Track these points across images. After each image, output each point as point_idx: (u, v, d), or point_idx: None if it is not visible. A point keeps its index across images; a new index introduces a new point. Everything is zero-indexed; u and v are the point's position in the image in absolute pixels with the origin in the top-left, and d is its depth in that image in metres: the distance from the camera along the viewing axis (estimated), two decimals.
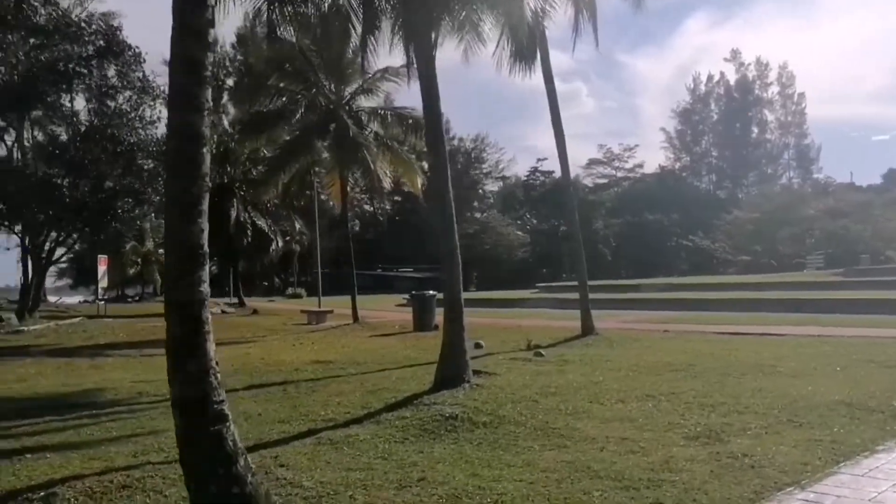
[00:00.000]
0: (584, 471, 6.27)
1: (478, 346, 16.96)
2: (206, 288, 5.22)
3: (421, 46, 10.25)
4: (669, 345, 15.41)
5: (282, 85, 24.51)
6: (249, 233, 41.24)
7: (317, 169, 27.42)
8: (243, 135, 25.30)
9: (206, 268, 5.35)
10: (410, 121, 25.00)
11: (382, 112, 25.79)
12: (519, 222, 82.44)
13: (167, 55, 5.08)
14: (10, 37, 24.66)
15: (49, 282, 76.90)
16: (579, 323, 18.21)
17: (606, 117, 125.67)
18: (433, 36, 10.24)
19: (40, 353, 17.03)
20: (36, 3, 25.14)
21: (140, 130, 25.28)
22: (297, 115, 24.74)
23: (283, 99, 24.76)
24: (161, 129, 26.60)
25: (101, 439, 8.09)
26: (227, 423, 5.19)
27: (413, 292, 24.18)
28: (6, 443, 7.99)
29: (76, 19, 25.16)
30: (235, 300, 44.02)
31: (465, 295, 11.43)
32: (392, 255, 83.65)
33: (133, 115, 25.64)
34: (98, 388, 11.75)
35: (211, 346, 5.24)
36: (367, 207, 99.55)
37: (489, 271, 76.03)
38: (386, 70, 24.38)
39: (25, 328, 24.10)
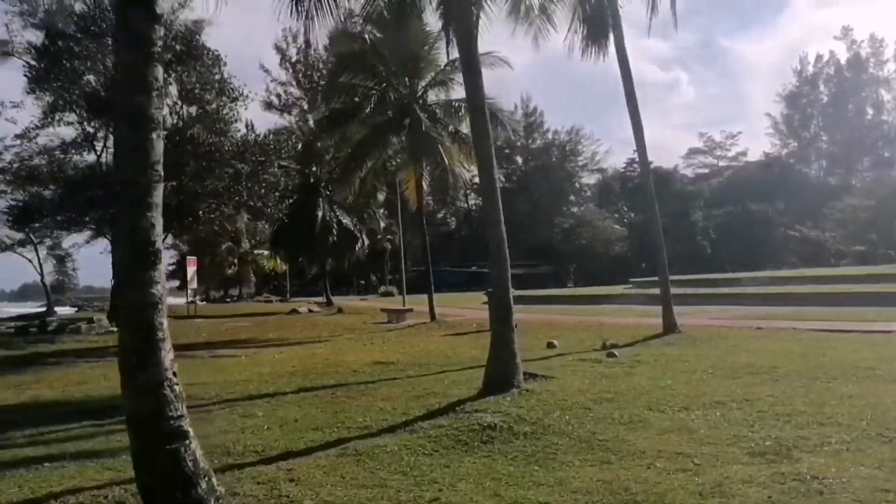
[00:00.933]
0: (620, 492, 5.46)
1: (550, 345, 16.18)
2: (159, 290, 4.69)
3: (461, 26, 9.53)
4: (757, 344, 14.10)
5: (354, 81, 24.26)
6: (335, 231, 41.44)
7: (393, 164, 27.09)
8: (321, 133, 25.18)
9: (160, 267, 4.83)
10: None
11: (456, 105, 25.14)
12: (616, 215, 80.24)
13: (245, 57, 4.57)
14: (94, 46, 25.41)
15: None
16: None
17: (709, 105, 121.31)
18: (474, 14, 9.48)
19: (115, 356, 17.22)
20: None
21: (221, 132, 25.59)
22: (368, 111, 24.42)
23: (356, 97, 24.49)
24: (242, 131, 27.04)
25: (125, 447, 7.75)
26: (187, 441, 4.65)
27: (489, 289, 23.37)
28: (31, 450, 7.81)
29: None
30: (323, 299, 44.55)
31: (556, 291, 10.64)
32: (487, 252, 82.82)
33: (215, 116, 26.00)
34: None
35: (166, 355, 4.71)
36: (460, 204, 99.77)
37: (586, 266, 74.41)
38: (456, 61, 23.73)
39: (115, 329, 24.75)
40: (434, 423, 7.89)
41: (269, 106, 60.74)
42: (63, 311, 39.51)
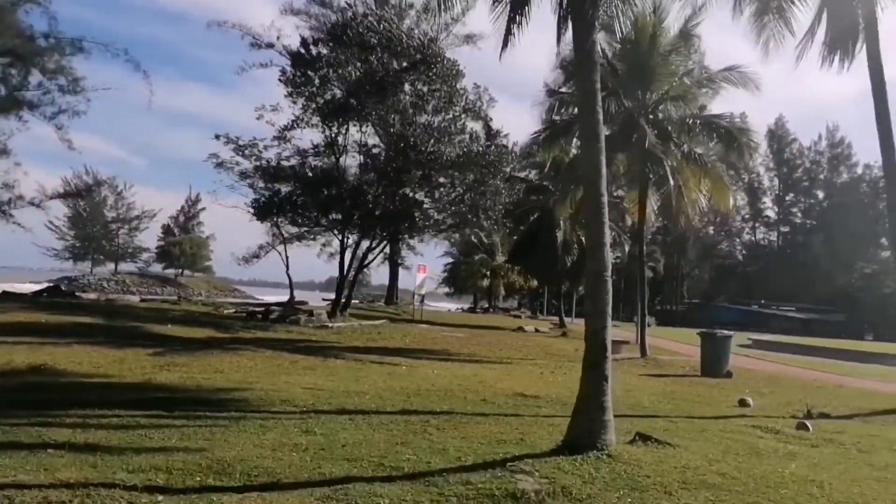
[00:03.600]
0: None
1: (742, 403, 13.57)
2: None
3: (580, 21, 7.85)
4: None
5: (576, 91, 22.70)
6: (575, 252, 39.89)
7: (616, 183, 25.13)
8: (543, 145, 24.08)
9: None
10: (722, 130, 21.56)
11: (690, 121, 22.58)
12: None
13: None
14: (342, 55, 26.67)
15: (431, 286, 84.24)
16: None
17: None
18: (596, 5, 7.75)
19: (295, 349, 17.52)
20: (372, 21, 26.93)
21: (444, 141, 25.57)
22: None
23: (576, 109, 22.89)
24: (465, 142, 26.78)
25: (131, 446, 7.25)
26: None
27: (704, 330, 20.64)
28: (37, 432, 7.48)
29: (399, 35, 26.31)
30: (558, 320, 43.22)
31: (827, 341, 8.64)
32: (775, 291, 75.89)
33: (441, 126, 26.06)
34: (262, 389, 11.25)
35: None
36: (747, 236, 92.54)
37: (892, 319, 64.81)
38: (691, 72, 21.41)
39: (330, 325, 25.70)
40: (465, 479, 6.40)
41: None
42: (313, 301, 42.09)
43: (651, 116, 22.96)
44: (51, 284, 34.71)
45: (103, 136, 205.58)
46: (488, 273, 65.81)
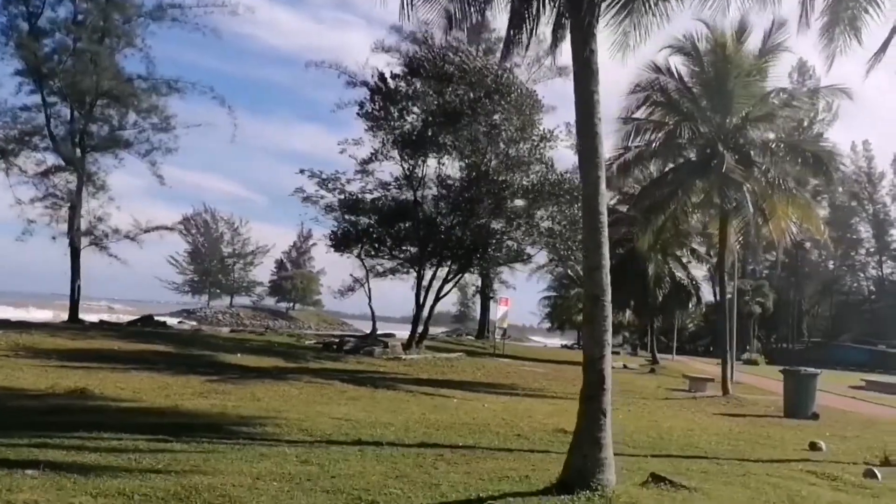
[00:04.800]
0: None
1: (813, 447, 12.36)
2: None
3: (577, 31, 7.33)
4: None
5: (652, 117, 21.91)
6: (667, 285, 38.39)
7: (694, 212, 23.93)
8: (617, 172, 23.25)
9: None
10: (808, 153, 20.25)
11: (774, 145, 21.30)
12: None
13: None
14: (419, 87, 26.89)
15: (532, 320, 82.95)
16: None
17: None
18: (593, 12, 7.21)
19: (351, 380, 17.37)
20: (449, 53, 27.04)
21: (514, 171, 25.21)
22: (662, 149, 21.81)
23: (652, 134, 22.02)
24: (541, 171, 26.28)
25: (137, 469, 7.14)
26: None
27: (786, 367, 19.15)
28: (46, 452, 7.50)
29: (474, 66, 26.25)
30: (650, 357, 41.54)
31: None
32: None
33: (514, 155, 25.72)
34: (288, 418, 11.07)
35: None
36: (873, 270, 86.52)
37: None
38: (782, 91, 20.25)
39: (403, 356, 25.52)
40: None
41: None
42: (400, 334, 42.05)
43: (732, 141, 21.82)
44: (145, 315, 36.04)
45: (225, 176, 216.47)
46: (581, 308, 64.14)
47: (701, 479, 8.20)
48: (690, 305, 42.29)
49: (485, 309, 54.35)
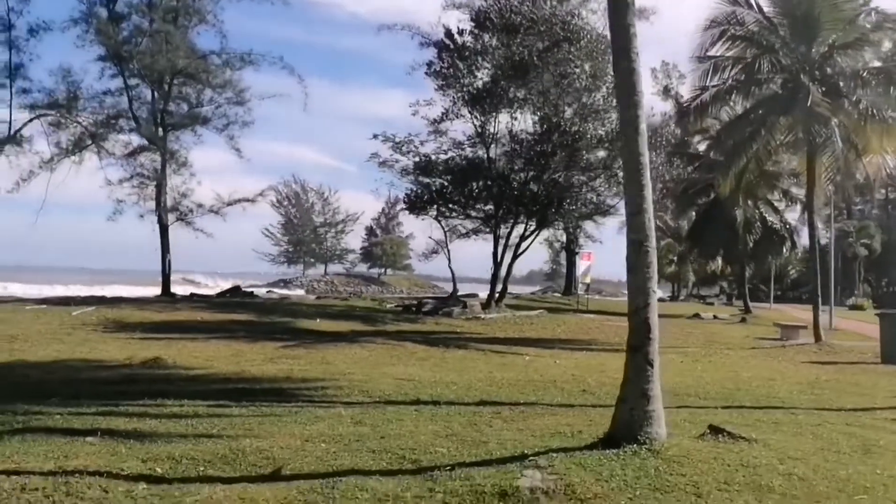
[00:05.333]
0: None
1: None
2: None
3: None
4: None
5: (729, 53, 20.67)
6: (758, 230, 36.73)
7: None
8: (694, 114, 22.13)
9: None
10: None
11: (866, 73, 19.80)
12: None
13: None
14: (487, 41, 26.34)
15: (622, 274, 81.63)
16: None
17: None
18: None
19: (424, 340, 17.40)
20: (515, 3, 26.32)
21: (588, 120, 24.39)
22: (743, 86, 20.55)
23: (731, 71, 20.74)
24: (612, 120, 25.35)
25: (193, 434, 7.27)
26: None
27: (884, 311, 18.00)
28: (109, 420, 7.74)
29: (543, 14, 25.45)
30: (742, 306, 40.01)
31: None
32: None
33: (589, 104, 24.90)
34: (352, 379, 11.14)
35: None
36: None
37: None
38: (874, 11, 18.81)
39: (483, 316, 25.45)
40: (465, 474, 5.84)
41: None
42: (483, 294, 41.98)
43: (818, 72, 20.43)
44: (234, 285, 37.24)
45: (316, 146, 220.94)
46: (675, 259, 62.63)
47: (769, 430, 7.76)
48: (784, 250, 40.41)
49: (571, 265, 53.61)
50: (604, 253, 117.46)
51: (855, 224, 72.36)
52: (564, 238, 52.28)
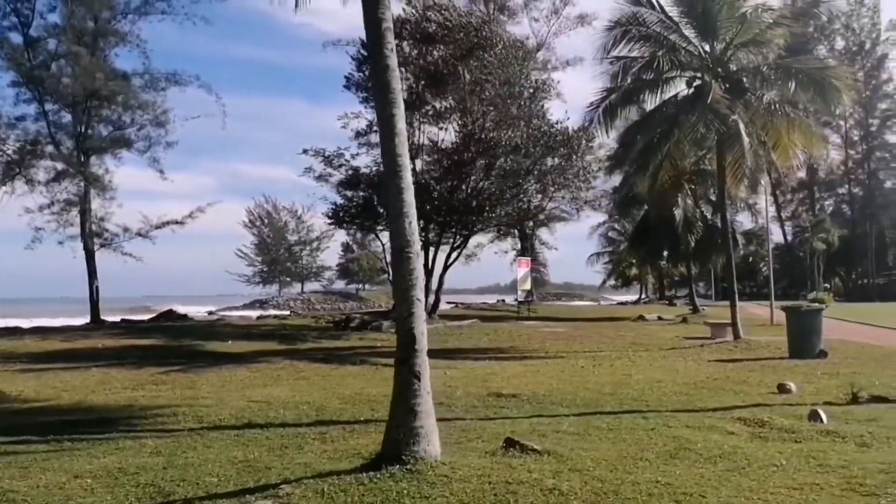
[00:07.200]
0: None
1: (783, 389, 11.31)
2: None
3: None
4: None
5: (633, 54, 20.45)
6: (699, 230, 36.61)
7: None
8: (603, 117, 21.88)
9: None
10: (801, 75, 18.65)
11: (766, 70, 19.69)
12: None
13: None
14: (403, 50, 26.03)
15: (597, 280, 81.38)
16: None
17: None
18: None
19: (321, 359, 16.88)
20: (431, 13, 26.07)
21: (502, 127, 24.13)
22: (640, 86, 20.35)
23: (629, 73, 20.50)
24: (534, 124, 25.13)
25: None
26: None
27: (787, 305, 17.81)
28: None
29: (458, 21, 25.22)
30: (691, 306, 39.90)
31: None
32: None
33: (503, 111, 24.64)
34: (200, 405, 10.61)
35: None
36: None
37: None
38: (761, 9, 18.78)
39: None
40: None
41: None
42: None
43: (721, 69, 20.29)
44: (168, 309, 36.54)
45: (291, 166, 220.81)
46: (633, 262, 62.45)
47: (581, 440, 7.40)
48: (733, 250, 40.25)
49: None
50: (575, 258, 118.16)
51: (811, 219, 72.85)
52: (519, 245, 52.11)
